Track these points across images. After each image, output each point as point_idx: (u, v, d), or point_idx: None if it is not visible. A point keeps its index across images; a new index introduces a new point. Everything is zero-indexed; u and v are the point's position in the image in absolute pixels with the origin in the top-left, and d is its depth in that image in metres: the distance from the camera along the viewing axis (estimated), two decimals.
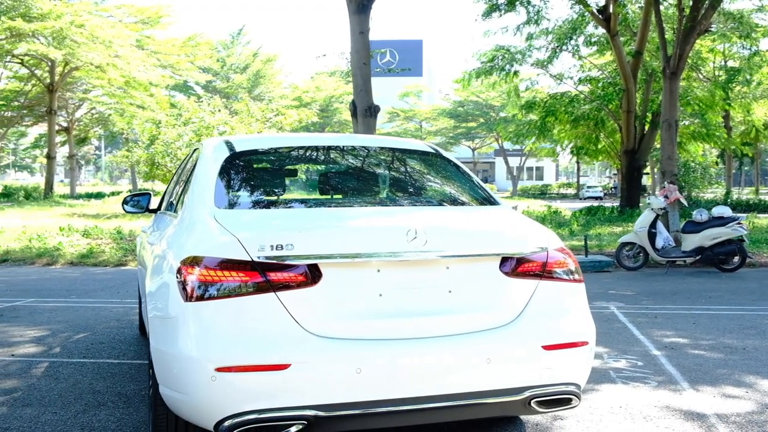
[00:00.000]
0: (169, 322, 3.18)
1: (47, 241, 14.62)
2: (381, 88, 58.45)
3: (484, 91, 53.20)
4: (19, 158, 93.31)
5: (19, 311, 8.03)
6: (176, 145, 23.48)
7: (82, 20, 31.79)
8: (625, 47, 23.11)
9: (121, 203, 5.74)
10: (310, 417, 2.97)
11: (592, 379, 5.16)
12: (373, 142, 4.78)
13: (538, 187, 65.07)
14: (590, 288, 9.73)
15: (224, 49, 58.56)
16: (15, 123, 47.92)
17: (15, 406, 4.58)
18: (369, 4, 13.09)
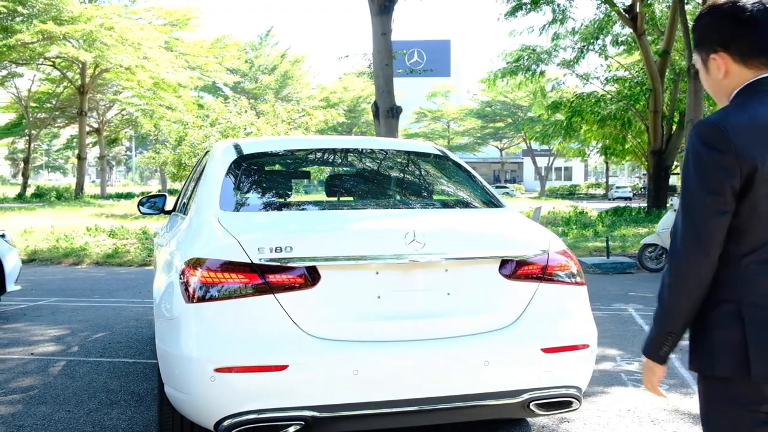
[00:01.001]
0: (173, 322, 3.23)
1: (74, 241, 14.85)
2: (408, 88, 58.46)
3: (511, 91, 52.96)
4: (51, 159, 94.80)
5: (41, 310, 8.18)
6: (203, 146, 23.68)
7: (111, 23, 32.20)
8: (653, 46, 22.90)
9: (137, 205, 5.82)
10: (308, 417, 3.01)
11: (603, 382, 5.15)
12: (379, 145, 4.81)
13: (567, 188, 64.71)
14: (610, 290, 9.69)
15: (252, 50, 58.91)
16: (47, 124, 48.71)
17: (30, 404, 4.68)
18: (391, 5, 13.12)
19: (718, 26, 1.97)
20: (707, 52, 2.00)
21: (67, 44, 32.35)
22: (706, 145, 1.87)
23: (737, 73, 1.95)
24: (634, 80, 24.98)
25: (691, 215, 1.89)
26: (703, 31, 2.01)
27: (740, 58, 1.93)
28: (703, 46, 2.02)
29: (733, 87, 1.97)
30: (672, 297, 1.94)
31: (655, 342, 1.99)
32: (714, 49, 1.98)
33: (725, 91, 2.00)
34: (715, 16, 1.97)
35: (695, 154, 1.88)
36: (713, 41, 1.98)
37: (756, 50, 1.91)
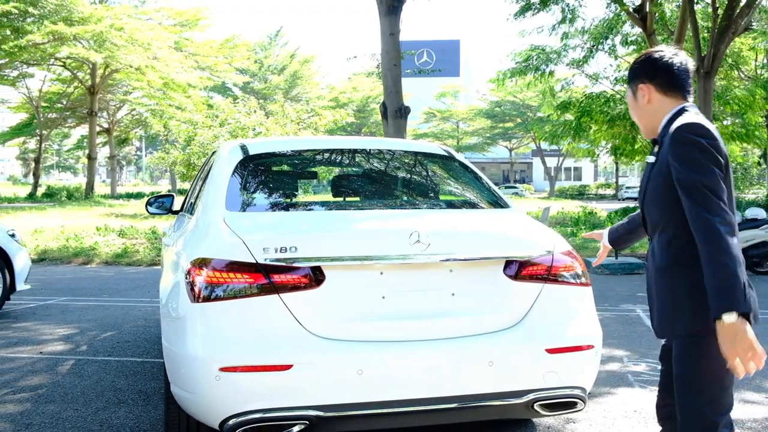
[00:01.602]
0: (179, 322, 3.26)
1: (84, 241, 14.92)
2: (418, 88, 58.36)
3: (520, 91, 52.83)
4: (62, 159, 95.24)
5: (51, 309, 8.23)
6: (212, 146, 23.73)
7: (121, 23, 32.32)
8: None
9: (145, 205, 5.85)
10: (312, 417, 3.02)
11: (610, 383, 5.15)
12: (385, 145, 4.82)
13: (576, 188, 64.56)
14: (618, 290, 9.67)
15: (262, 50, 59.01)
16: (58, 124, 48.95)
17: (39, 403, 4.71)
18: (399, 5, 13.12)
19: (646, 67, 2.60)
20: (636, 83, 2.63)
21: (77, 45, 32.48)
22: (709, 139, 2.37)
23: (658, 101, 2.58)
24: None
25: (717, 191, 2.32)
26: (636, 70, 2.64)
27: (661, 89, 2.57)
28: (634, 80, 2.64)
29: (655, 112, 2.59)
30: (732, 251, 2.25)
31: (739, 292, 2.21)
32: (642, 81, 2.60)
33: (651, 115, 2.60)
34: (646, 61, 2.61)
35: (700, 146, 2.36)
36: (642, 76, 2.61)
37: (671, 85, 2.56)
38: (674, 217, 2.47)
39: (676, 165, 2.39)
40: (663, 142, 2.52)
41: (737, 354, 2.19)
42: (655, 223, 2.58)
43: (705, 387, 2.42)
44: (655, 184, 2.53)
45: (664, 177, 2.47)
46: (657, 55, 2.58)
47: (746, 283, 2.25)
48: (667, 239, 2.51)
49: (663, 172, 2.48)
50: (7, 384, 5.16)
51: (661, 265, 2.53)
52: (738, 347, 2.19)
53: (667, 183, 2.45)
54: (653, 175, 2.55)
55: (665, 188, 2.47)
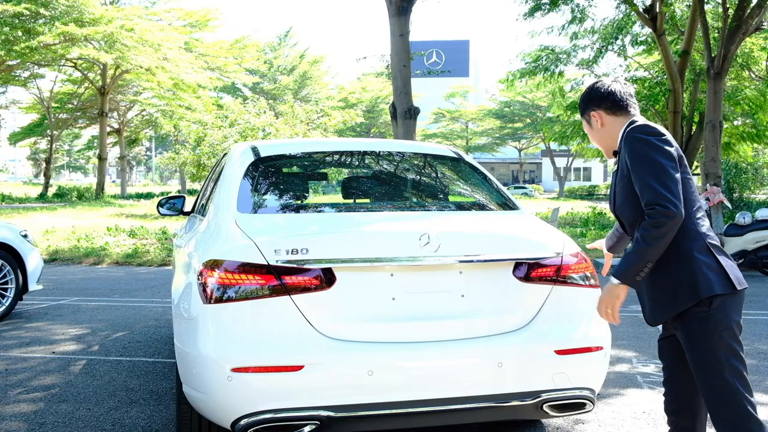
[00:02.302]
0: (191, 323, 3.29)
1: (94, 241, 15.01)
2: (427, 88, 58.25)
3: (530, 91, 52.79)
4: (73, 159, 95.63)
5: (63, 309, 8.29)
6: (222, 146, 23.81)
7: (132, 24, 32.44)
8: (673, 47, 22.74)
9: (156, 206, 5.89)
10: (323, 417, 3.05)
11: (618, 384, 5.16)
12: (395, 147, 4.84)
13: (586, 188, 64.38)
14: (627, 291, 9.64)
15: (271, 51, 59.13)
16: (69, 125, 49.19)
17: (52, 402, 4.76)
18: (409, 6, 13.14)
19: (593, 97, 2.94)
20: (588, 112, 2.97)
21: (88, 46, 32.62)
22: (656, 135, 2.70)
23: (610, 122, 2.90)
24: (654, 80, 24.80)
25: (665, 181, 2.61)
26: (584, 102, 2.99)
27: (610, 112, 2.89)
28: (586, 111, 2.99)
29: (610, 132, 2.90)
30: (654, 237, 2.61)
31: (632, 272, 2.68)
32: (592, 109, 2.93)
33: (608, 135, 2.92)
34: (591, 92, 2.96)
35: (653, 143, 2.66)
36: (591, 105, 2.94)
37: (617, 107, 2.88)
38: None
39: (628, 161, 2.71)
40: (620, 150, 2.83)
41: (602, 303, 2.81)
42: (631, 222, 2.82)
43: (724, 355, 2.63)
44: (621, 188, 2.80)
45: (628, 179, 2.73)
46: (598, 85, 2.94)
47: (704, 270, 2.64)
48: None
49: (626, 174, 2.76)
50: (21, 383, 5.22)
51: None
52: (605, 300, 2.80)
53: (631, 184, 2.72)
54: (618, 181, 2.83)
55: (631, 189, 2.73)
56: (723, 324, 2.63)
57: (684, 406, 2.87)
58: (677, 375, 2.89)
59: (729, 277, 2.64)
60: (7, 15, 28.74)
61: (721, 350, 2.63)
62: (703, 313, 2.64)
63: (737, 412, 2.62)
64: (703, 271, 2.63)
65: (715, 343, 2.63)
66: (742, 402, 2.62)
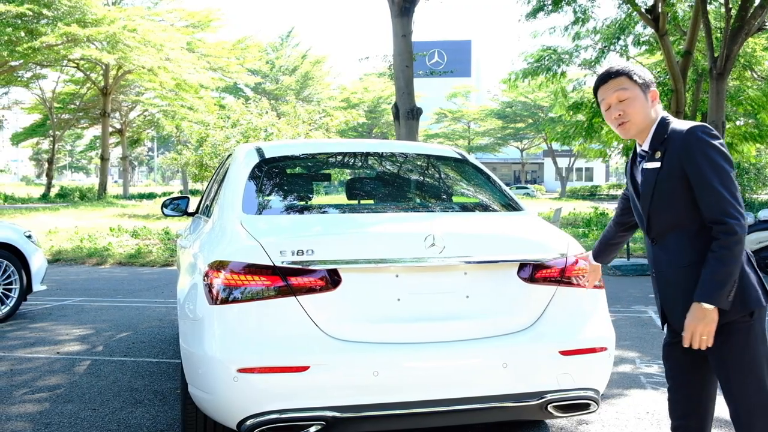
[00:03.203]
0: (197, 323, 3.30)
1: (97, 242, 15.04)
2: (429, 89, 58.17)
3: (532, 91, 52.80)
4: (75, 159, 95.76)
5: (66, 310, 8.31)
6: (224, 146, 23.84)
7: (134, 25, 32.51)
8: (675, 47, 22.73)
9: (161, 207, 5.90)
10: (329, 418, 3.06)
11: (622, 384, 5.17)
12: (399, 148, 4.86)
13: (588, 188, 64.35)
14: (630, 292, 9.68)
15: (273, 51, 59.17)
16: (71, 125, 49.28)
17: (57, 402, 4.77)
18: (411, 7, 13.17)
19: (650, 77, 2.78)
20: (651, 87, 2.78)
21: (90, 46, 32.70)
22: (719, 139, 2.60)
23: (656, 107, 2.77)
24: (656, 81, 24.79)
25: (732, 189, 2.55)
26: (648, 76, 2.78)
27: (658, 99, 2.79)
28: (649, 84, 2.78)
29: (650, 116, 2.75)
30: (739, 251, 2.53)
31: (726, 291, 2.53)
32: (654, 87, 2.78)
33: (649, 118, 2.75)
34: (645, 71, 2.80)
35: (721, 150, 2.57)
36: (651, 83, 2.78)
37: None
38: (694, 216, 2.62)
39: (694, 166, 2.56)
40: (666, 147, 2.67)
41: (696, 330, 2.57)
42: (669, 225, 2.70)
43: (765, 365, 2.63)
44: (668, 188, 2.65)
45: (678, 179, 2.61)
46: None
47: (753, 282, 2.61)
48: (688, 237, 2.66)
49: (676, 174, 2.62)
50: (26, 384, 5.23)
51: (687, 262, 2.66)
52: (700, 326, 2.56)
53: (684, 184, 2.61)
54: (661, 180, 2.68)
55: (682, 189, 2.62)
56: (762, 335, 2.64)
57: (692, 410, 2.82)
58: (687, 379, 2.84)
59: (766, 289, 2.66)
60: (9, 15, 28.79)
61: (763, 360, 2.62)
62: (745, 324, 2.62)
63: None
64: (752, 283, 2.61)
65: (757, 354, 2.62)
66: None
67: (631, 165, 2.90)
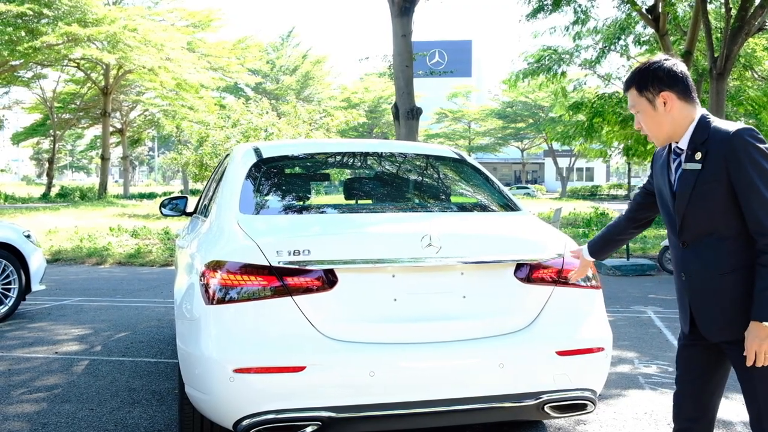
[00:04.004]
0: (193, 323, 3.30)
1: (97, 241, 15.03)
2: (429, 89, 58.10)
3: (532, 91, 52.77)
4: (75, 159, 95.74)
5: (65, 310, 8.31)
6: (224, 146, 23.83)
7: (135, 24, 32.52)
8: (676, 47, 22.72)
9: (159, 206, 5.90)
10: (325, 418, 3.06)
11: (620, 384, 5.16)
12: (397, 148, 4.85)
13: (588, 188, 64.36)
14: (630, 292, 9.67)
15: (274, 51, 59.17)
16: (72, 125, 49.27)
17: (55, 402, 4.77)
18: (411, 7, 13.16)
19: (663, 75, 2.60)
20: (656, 92, 2.62)
21: (91, 46, 32.71)
22: (765, 143, 2.49)
23: (679, 108, 2.61)
24: None
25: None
26: (651, 78, 2.62)
27: (681, 97, 2.60)
28: (651, 89, 2.63)
29: (677, 119, 2.61)
30: None
31: None
32: (662, 89, 2.60)
33: (673, 122, 2.62)
34: (661, 70, 2.61)
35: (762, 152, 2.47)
36: (661, 84, 2.61)
37: (689, 92, 2.61)
38: (733, 222, 2.53)
39: (739, 172, 2.47)
40: (708, 148, 2.54)
41: (760, 349, 2.44)
42: (706, 229, 2.59)
43: None
44: (709, 190, 2.55)
45: (720, 182, 2.52)
46: (670, 63, 2.62)
47: None
48: (726, 243, 2.56)
49: (718, 178, 2.52)
50: (24, 384, 5.23)
51: (725, 270, 2.56)
52: (765, 345, 2.44)
53: (726, 188, 2.51)
54: (701, 182, 2.56)
55: (724, 194, 2.52)
56: None
57: (701, 415, 2.76)
58: (699, 384, 2.75)
59: None
60: (10, 15, 28.81)
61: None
62: None
63: None
64: None
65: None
66: None
67: (666, 161, 2.74)
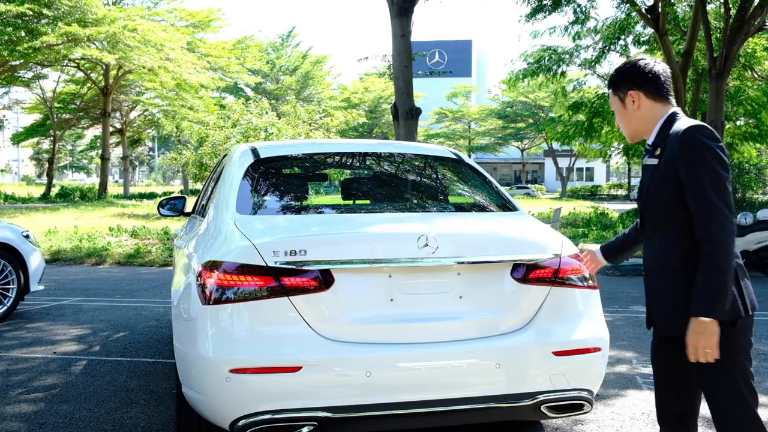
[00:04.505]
0: (190, 323, 3.30)
1: (96, 241, 15.02)
2: (430, 88, 58.02)
3: (532, 91, 52.80)
4: (75, 159, 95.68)
5: (64, 310, 8.31)
6: (224, 146, 23.79)
7: (134, 24, 32.47)
8: (675, 47, 22.71)
9: (157, 207, 5.90)
10: (321, 418, 3.06)
11: (618, 385, 5.16)
12: (394, 148, 4.85)
13: (588, 188, 64.33)
14: (629, 292, 9.67)
15: (274, 51, 59.09)
16: (72, 125, 49.18)
17: (52, 402, 4.77)
18: (410, 7, 13.14)
19: (634, 74, 2.71)
20: (625, 90, 2.74)
21: (91, 46, 32.67)
22: (718, 142, 2.51)
23: (648, 106, 2.71)
24: None
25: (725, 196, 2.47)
26: (622, 77, 2.75)
27: (650, 95, 2.70)
28: (621, 87, 2.75)
29: (646, 117, 2.71)
30: (729, 261, 2.47)
31: (722, 302, 2.47)
32: (631, 88, 2.72)
33: (642, 120, 2.73)
34: (633, 69, 2.72)
35: (717, 152, 2.49)
36: (630, 83, 2.72)
37: (660, 91, 2.69)
38: (679, 218, 2.57)
39: (686, 168, 2.50)
40: (666, 145, 2.62)
41: (698, 344, 2.49)
42: (658, 222, 2.68)
43: (743, 371, 2.58)
44: (661, 186, 2.62)
45: (671, 179, 2.57)
46: (642, 63, 2.72)
47: (733, 291, 2.53)
48: (672, 241, 2.62)
49: (670, 174, 2.57)
50: (22, 384, 5.23)
51: (671, 268, 2.63)
52: (701, 340, 2.49)
53: (674, 184, 2.56)
54: (657, 178, 2.64)
55: (672, 190, 2.57)
56: (743, 346, 2.59)
57: (680, 416, 2.81)
58: (674, 383, 2.80)
59: (746, 301, 2.57)
60: (10, 15, 28.78)
61: (741, 372, 2.58)
62: (726, 335, 2.53)
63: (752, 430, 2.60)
64: (733, 293, 2.54)
65: (736, 365, 2.57)
66: (756, 421, 2.59)
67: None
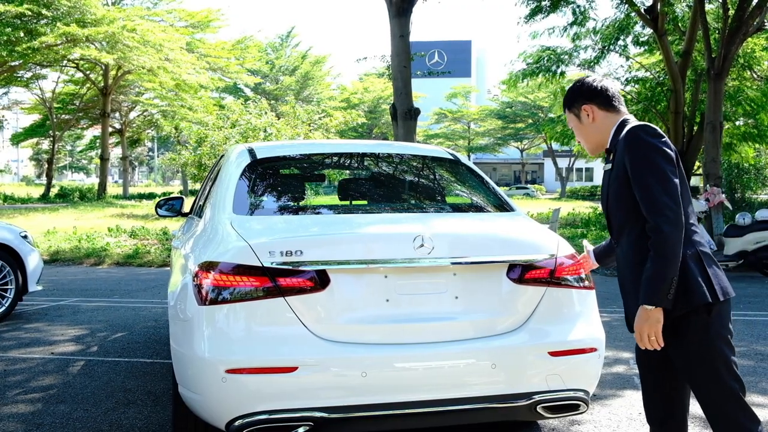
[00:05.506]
0: (186, 324, 3.31)
1: (95, 242, 15.03)
2: (429, 89, 58.00)
3: (532, 91, 52.77)
4: (75, 160, 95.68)
5: (63, 310, 8.31)
6: (223, 147, 23.80)
7: (134, 25, 32.46)
8: (674, 47, 22.71)
9: (155, 207, 5.90)
10: (317, 418, 3.06)
11: (615, 385, 5.16)
12: (391, 149, 4.86)
13: (588, 189, 64.28)
14: None
15: (273, 51, 59.08)
16: (71, 125, 49.18)
17: (50, 403, 4.77)
18: (409, 7, 13.14)
19: (585, 91, 2.87)
20: (579, 106, 2.88)
21: (90, 46, 32.66)
22: (660, 138, 2.63)
23: (601, 117, 2.85)
24: (655, 81, 24.77)
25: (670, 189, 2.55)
26: (575, 95, 2.91)
27: (602, 107, 2.84)
28: (575, 104, 2.90)
29: (600, 127, 2.85)
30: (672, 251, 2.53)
31: (663, 291, 2.53)
32: (584, 103, 2.86)
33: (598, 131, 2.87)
34: (583, 86, 2.88)
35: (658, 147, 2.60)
36: (582, 99, 2.87)
37: (609, 102, 2.84)
38: (639, 216, 2.65)
39: (630, 165, 2.63)
40: (616, 149, 2.74)
41: (643, 331, 2.59)
42: (621, 224, 2.77)
43: (723, 358, 2.62)
44: (616, 188, 2.74)
45: (623, 180, 2.68)
46: (590, 80, 2.90)
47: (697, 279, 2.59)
48: (635, 237, 2.69)
49: (621, 175, 2.69)
50: (19, 384, 5.24)
51: (634, 262, 2.70)
52: (646, 327, 2.58)
53: (627, 185, 2.66)
54: (612, 181, 2.77)
55: (626, 190, 2.67)
56: (721, 333, 2.62)
57: (668, 415, 2.82)
58: (658, 381, 2.84)
59: (714, 288, 2.60)
60: (9, 16, 28.76)
61: (721, 359, 2.61)
62: (702, 322, 2.60)
63: (737, 419, 2.61)
64: (697, 279, 2.58)
65: (715, 352, 2.61)
66: (743, 407, 2.62)
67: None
